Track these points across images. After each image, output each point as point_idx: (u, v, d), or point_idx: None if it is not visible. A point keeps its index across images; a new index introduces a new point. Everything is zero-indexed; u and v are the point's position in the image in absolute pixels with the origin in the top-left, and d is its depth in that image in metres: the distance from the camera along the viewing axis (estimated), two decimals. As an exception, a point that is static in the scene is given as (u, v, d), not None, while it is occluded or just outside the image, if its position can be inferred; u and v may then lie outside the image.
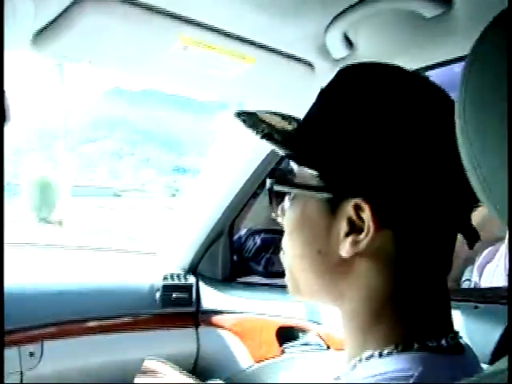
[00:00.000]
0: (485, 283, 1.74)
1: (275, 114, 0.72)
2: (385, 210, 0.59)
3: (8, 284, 1.61)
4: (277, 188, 0.69)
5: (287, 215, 0.69)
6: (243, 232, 1.94)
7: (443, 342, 0.60)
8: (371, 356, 0.60)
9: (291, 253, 0.69)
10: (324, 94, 0.67)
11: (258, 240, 1.90)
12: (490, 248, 1.64)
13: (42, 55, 1.12)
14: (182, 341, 1.86)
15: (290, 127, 0.69)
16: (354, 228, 0.60)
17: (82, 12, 0.95)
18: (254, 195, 1.83)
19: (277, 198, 0.71)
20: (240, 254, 1.92)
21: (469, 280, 1.68)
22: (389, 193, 0.59)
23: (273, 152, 1.56)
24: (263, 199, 1.88)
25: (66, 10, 0.96)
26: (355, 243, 0.60)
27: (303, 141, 0.64)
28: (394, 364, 0.58)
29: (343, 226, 0.61)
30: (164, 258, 2.01)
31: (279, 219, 0.73)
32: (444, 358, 0.59)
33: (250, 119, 0.68)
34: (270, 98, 1.37)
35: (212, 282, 1.94)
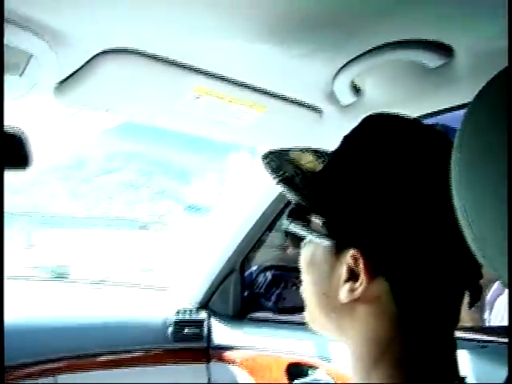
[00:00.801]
0: (496, 318, 1.74)
1: (310, 151, 0.75)
2: (378, 261, 0.62)
3: (22, 318, 1.65)
4: (291, 228, 0.73)
5: (301, 255, 0.74)
6: (254, 268, 1.97)
7: None
8: None
9: (305, 289, 0.74)
10: (344, 141, 0.71)
11: (269, 276, 1.93)
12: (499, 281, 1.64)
13: (63, 103, 1.18)
14: (193, 376, 1.88)
15: (320, 166, 0.72)
16: (353, 275, 0.64)
17: (102, 63, 1.01)
18: (265, 233, 1.86)
19: (293, 236, 0.75)
20: (251, 289, 1.95)
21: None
22: (383, 246, 0.62)
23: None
24: (274, 237, 1.92)
25: (87, 62, 1.01)
26: (352, 290, 0.63)
27: (314, 188, 0.68)
28: None
29: (343, 273, 0.65)
30: (176, 293, 2.04)
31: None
32: None
33: (277, 160, 0.72)
34: (279, 143, 1.42)
35: (223, 317, 1.96)
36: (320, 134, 1.32)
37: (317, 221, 0.68)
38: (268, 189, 1.72)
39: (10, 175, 1.25)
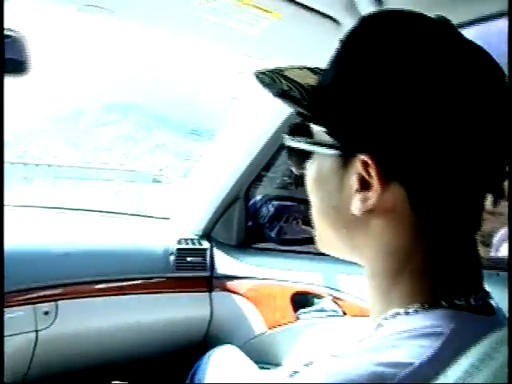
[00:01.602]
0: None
1: (305, 68, 0.70)
2: (391, 165, 0.57)
3: (24, 243, 1.62)
4: (293, 144, 0.68)
5: (307, 173, 0.69)
6: (259, 198, 1.92)
7: (472, 300, 0.58)
8: (397, 314, 0.57)
9: (313, 209, 0.69)
10: (340, 46, 0.64)
11: (272, 208, 1.87)
12: (506, 228, 1.63)
13: (62, 3, 1.12)
14: (195, 305, 1.85)
15: (313, 82, 0.66)
16: (365, 184, 0.59)
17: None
18: (270, 161, 1.81)
19: (296, 155, 0.71)
20: (255, 219, 1.90)
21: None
22: (394, 147, 0.56)
23: (290, 116, 1.56)
24: (279, 165, 1.86)
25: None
26: (365, 200, 0.58)
27: (314, 98, 0.63)
28: (421, 321, 0.55)
29: (354, 183, 0.60)
30: (178, 222, 1.99)
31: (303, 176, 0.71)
32: (475, 317, 0.56)
33: (270, 76, 0.66)
34: (293, 56, 1.35)
35: (226, 247, 1.92)
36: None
37: (321, 132, 0.63)
38: (274, 114, 1.65)
39: (10, 83, 1.20)
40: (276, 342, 1.73)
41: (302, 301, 1.69)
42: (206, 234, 1.94)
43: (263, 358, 1.71)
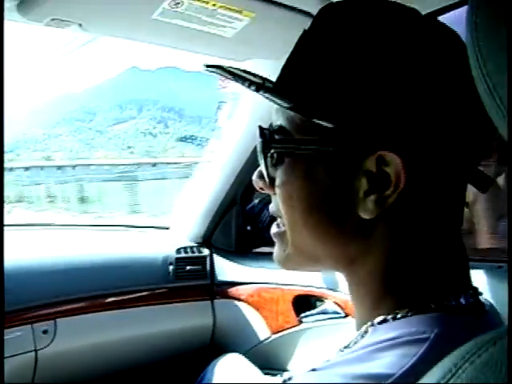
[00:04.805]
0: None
1: (244, 71, 0.61)
2: (414, 161, 0.52)
3: (20, 261, 1.59)
4: (275, 149, 0.60)
5: (283, 179, 0.60)
6: (256, 201, 1.88)
7: (462, 300, 0.54)
8: (384, 321, 0.54)
9: (291, 220, 0.60)
10: (313, 33, 0.58)
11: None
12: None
13: (29, 20, 1.08)
14: (197, 314, 1.82)
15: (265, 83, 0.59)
16: (376, 184, 0.53)
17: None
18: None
19: (271, 161, 0.61)
20: (254, 223, 1.86)
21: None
22: (417, 141, 0.52)
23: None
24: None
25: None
26: (380, 201, 0.53)
27: (306, 89, 0.56)
28: (406, 327, 0.51)
29: (362, 184, 0.53)
30: (177, 231, 1.96)
31: (265, 188, 0.64)
32: (463, 318, 0.53)
33: (234, 71, 0.59)
34: (271, 54, 1.29)
35: (226, 253, 1.89)
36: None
37: (309, 129, 0.56)
38: (266, 116, 1.60)
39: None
40: (280, 347, 1.69)
41: (303, 304, 1.65)
42: (205, 241, 1.91)
43: (269, 364, 1.69)
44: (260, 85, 0.56)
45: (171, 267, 1.79)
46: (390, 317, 0.53)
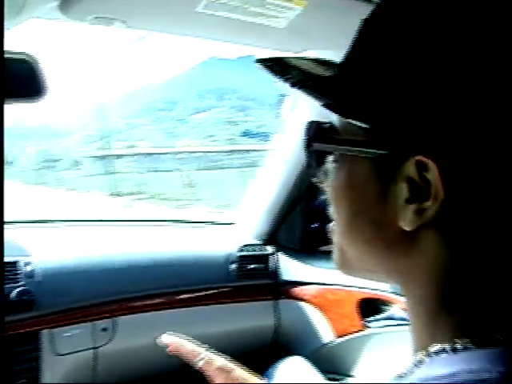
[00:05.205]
0: None
1: (308, 59, 0.59)
2: (455, 169, 0.45)
3: (81, 259, 1.60)
4: (316, 147, 0.56)
5: (333, 181, 0.56)
6: (323, 198, 1.81)
7: None
8: (442, 351, 0.47)
9: (339, 223, 0.56)
10: (369, 24, 0.52)
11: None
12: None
13: (71, 18, 1.06)
14: (259, 314, 1.77)
15: (327, 73, 0.56)
16: (417, 193, 0.46)
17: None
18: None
19: (318, 158, 0.57)
20: (319, 221, 1.79)
21: None
22: (460, 148, 0.45)
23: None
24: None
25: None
26: (420, 212, 0.46)
27: (347, 86, 0.51)
28: (467, 363, 0.44)
29: (402, 191, 0.47)
30: (241, 228, 1.92)
31: (322, 185, 0.59)
32: None
33: (278, 65, 0.56)
34: (327, 45, 1.21)
35: (290, 251, 1.83)
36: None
37: (353, 129, 0.50)
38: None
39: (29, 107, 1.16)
40: (345, 351, 1.62)
41: (369, 308, 1.57)
42: (270, 239, 1.85)
43: (332, 368, 1.62)
44: (296, 81, 0.52)
45: (234, 265, 1.75)
46: (448, 347, 0.46)
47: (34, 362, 1.42)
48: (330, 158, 0.56)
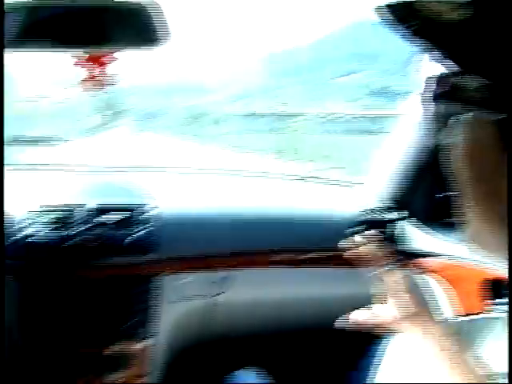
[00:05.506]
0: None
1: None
2: None
3: (202, 208, 1.62)
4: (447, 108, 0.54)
5: (455, 144, 0.54)
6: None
7: None
8: None
9: (465, 193, 0.55)
10: None
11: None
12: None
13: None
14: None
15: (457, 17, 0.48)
16: None
17: None
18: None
19: (443, 120, 0.55)
20: (449, 191, 1.66)
21: None
22: None
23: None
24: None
25: None
26: None
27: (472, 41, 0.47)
28: None
29: None
30: (365, 189, 1.84)
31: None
32: None
33: (402, 10, 0.50)
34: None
35: (417, 219, 1.73)
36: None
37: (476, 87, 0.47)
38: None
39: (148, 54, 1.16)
40: (465, 333, 1.51)
41: (494, 288, 1.44)
42: (397, 204, 1.76)
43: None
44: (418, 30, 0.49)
45: (354, 229, 1.69)
46: None
47: (147, 304, 1.47)
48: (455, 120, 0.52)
